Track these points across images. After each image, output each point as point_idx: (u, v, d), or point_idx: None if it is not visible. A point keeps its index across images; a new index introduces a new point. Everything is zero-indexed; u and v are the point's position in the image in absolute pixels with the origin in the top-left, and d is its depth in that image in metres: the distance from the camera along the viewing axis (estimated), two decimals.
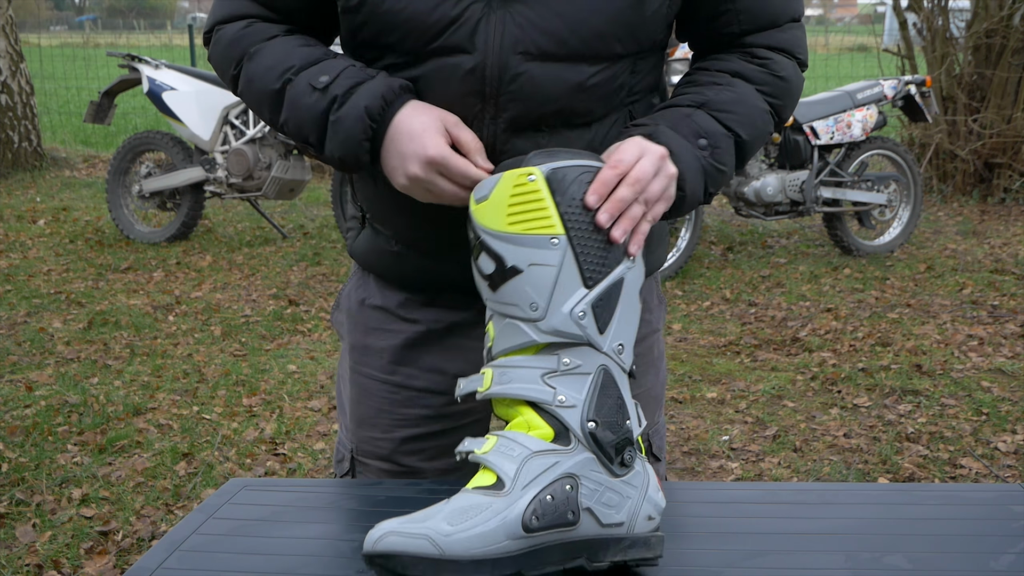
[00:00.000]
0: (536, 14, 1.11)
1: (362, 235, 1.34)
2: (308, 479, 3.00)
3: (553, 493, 0.98)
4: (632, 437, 1.04)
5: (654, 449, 1.40)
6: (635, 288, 1.06)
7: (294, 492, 1.23)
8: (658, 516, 1.05)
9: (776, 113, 1.23)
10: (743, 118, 1.19)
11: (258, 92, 1.19)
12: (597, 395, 1.02)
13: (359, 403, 1.36)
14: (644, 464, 1.05)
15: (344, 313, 1.39)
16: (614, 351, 1.04)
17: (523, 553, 0.97)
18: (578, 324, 1.02)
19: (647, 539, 1.03)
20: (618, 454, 1.02)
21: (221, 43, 1.23)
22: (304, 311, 4.85)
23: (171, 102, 6.00)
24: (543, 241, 1.01)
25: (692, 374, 3.99)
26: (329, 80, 1.13)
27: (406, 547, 0.93)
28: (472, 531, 0.94)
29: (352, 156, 1.14)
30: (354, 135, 1.12)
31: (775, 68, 1.22)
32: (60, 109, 12.34)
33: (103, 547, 2.66)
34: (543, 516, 0.97)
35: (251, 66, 1.19)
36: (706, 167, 1.15)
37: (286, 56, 1.17)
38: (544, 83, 1.13)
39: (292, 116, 1.16)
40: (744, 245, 6.18)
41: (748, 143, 1.20)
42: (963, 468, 3.12)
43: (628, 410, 1.04)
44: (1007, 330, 4.46)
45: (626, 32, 1.15)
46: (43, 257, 5.88)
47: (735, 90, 1.19)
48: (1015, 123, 7.21)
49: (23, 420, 3.46)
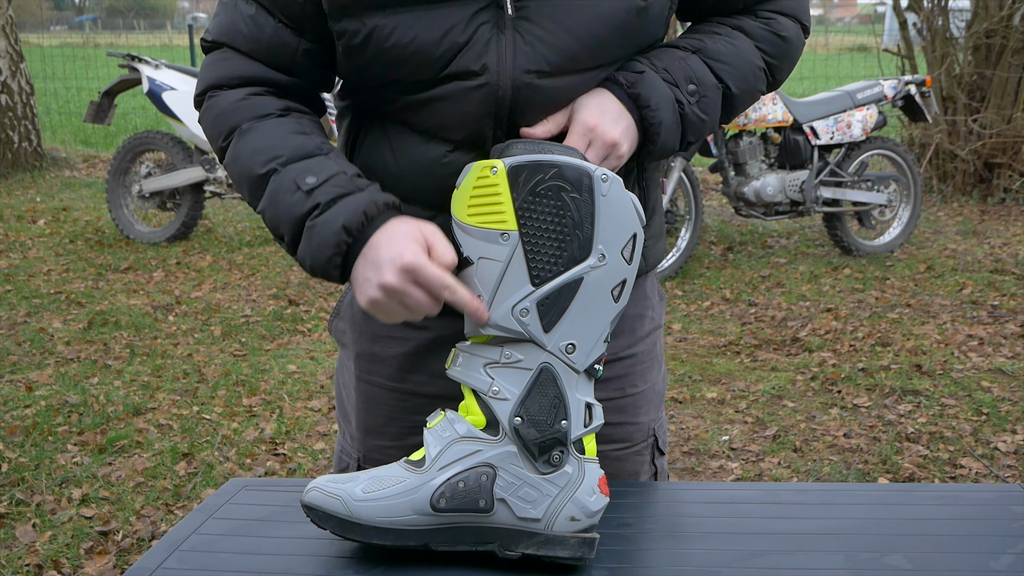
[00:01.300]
0: (545, 31, 1.11)
1: None
2: (308, 479, 3.00)
3: (466, 480, 1.03)
4: (564, 438, 1.03)
5: (659, 444, 1.39)
6: (601, 288, 1.04)
7: (294, 492, 1.23)
8: (585, 519, 1.04)
9: (770, 72, 1.23)
10: (736, 71, 1.19)
11: (241, 173, 1.14)
12: (531, 392, 1.03)
13: (367, 412, 1.35)
14: (581, 467, 1.05)
15: (347, 322, 1.37)
16: (560, 350, 1.03)
17: (432, 529, 1.03)
18: (519, 321, 1.03)
19: (566, 539, 1.03)
20: (543, 452, 1.03)
21: (212, 111, 1.17)
22: (304, 311, 4.85)
23: (171, 102, 6.00)
24: (494, 236, 1.03)
25: (692, 374, 3.99)
26: (316, 183, 1.08)
27: (322, 503, 1.04)
28: (379, 501, 1.03)
29: (321, 269, 1.09)
30: (326, 249, 1.07)
31: (777, 27, 1.23)
32: (60, 109, 12.35)
33: (103, 547, 2.66)
34: (452, 499, 1.02)
35: (240, 144, 1.14)
36: (688, 115, 1.15)
37: (276, 142, 1.12)
38: (554, 97, 1.13)
39: (270, 208, 1.11)
40: (744, 245, 6.18)
41: (737, 97, 1.20)
42: (963, 468, 3.12)
43: (567, 411, 1.04)
44: (1007, 330, 4.46)
45: (629, 39, 1.15)
46: (43, 257, 5.88)
47: (734, 42, 1.20)
48: (1015, 123, 7.21)
49: (23, 420, 3.46)
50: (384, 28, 1.10)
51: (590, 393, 1.07)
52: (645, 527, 1.16)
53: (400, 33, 1.09)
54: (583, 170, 1.02)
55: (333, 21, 1.13)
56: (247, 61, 1.17)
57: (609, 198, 1.03)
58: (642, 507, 1.22)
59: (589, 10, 1.11)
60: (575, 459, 1.05)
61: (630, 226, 1.05)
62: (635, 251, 1.06)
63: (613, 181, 1.03)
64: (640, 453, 1.36)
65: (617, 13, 1.12)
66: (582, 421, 1.05)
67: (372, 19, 1.10)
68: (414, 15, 1.09)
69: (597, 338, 1.05)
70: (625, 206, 1.04)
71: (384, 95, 1.17)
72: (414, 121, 1.15)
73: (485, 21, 1.10)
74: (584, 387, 1.06)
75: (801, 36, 1.26)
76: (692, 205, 5.40)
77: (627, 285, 1.06)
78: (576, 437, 1.05)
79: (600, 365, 1.07)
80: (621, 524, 1.15)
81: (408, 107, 1.15)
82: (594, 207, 1.02)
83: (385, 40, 1.10)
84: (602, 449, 1.31)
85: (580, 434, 1.05)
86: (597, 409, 1.07)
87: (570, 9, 1.11)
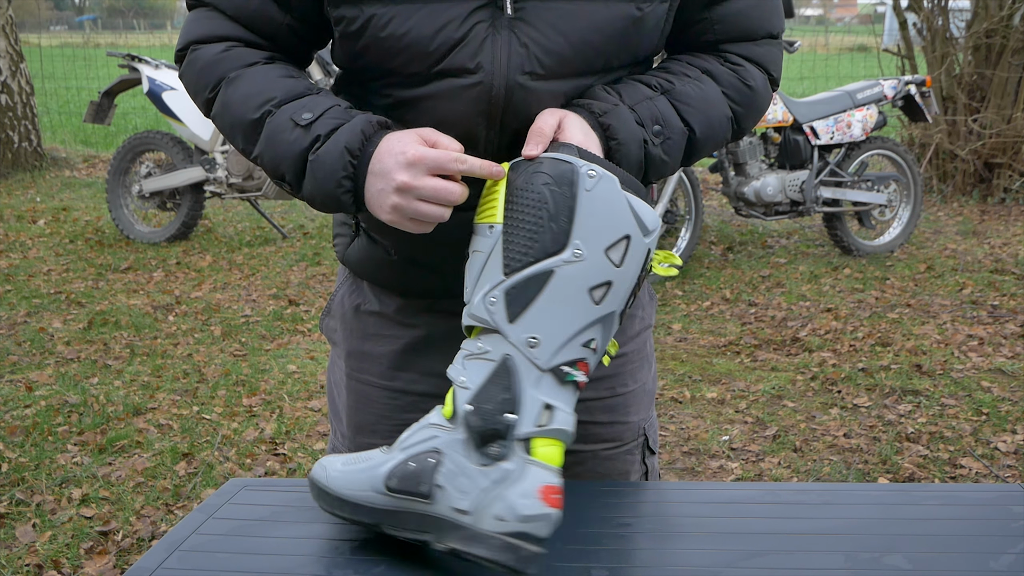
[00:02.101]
0: (541, 34, 1.11)
1: (356, 243, 1.31)
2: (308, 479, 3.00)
3: (417, 462, 1.03)
4: (506, 431, 1.00)
5: (650, 443, 1.39)
6: (575, 285, 1.01)
7: (294, 492, 1.23)
8: (513, 521, 0.98)
9: (736, 120, 1.22)
10: (703, 116, 1.18)
11: (233, 120, 1.15)
12: (487, 382, 1.02)
13: (357, 410, 1.35)
14: (525, 468, 1.00)
15: (337, 320, 1.37)
16: (522, 343, 1.01)
17: (386, 510, 1.04)
18: (487, 309, 1.03)
19: (490, 538, 0.98)
20: (484, 443, 1.00)
21: (196, 64, 1.18)
22: (304, 311, 4.85)
23: (171, 102, 6.00)
24: (484, 229, 1.05)
25: (692, 374, 3.99)
26: (313, 118, 1.10)
27: (315, 474, 1.11)
28: (348, 475, 1.07)
29: (331, 196, 1.10)
30: (334, 175, 1.08)
31: (745, 76, 1.22)
32: (60, 109, 12.35)
33: (103, 547, 2.66)
34: (400, 480, 1.02)
35: (229, 91, 1.15)
36: (652, 155, 1.15)
37: (267, 86, 1.13)
38: (547, 100, 1.13)
39: (268, 150, 1.12)
40: (744, 245, 6.18)
41: (700, 142, 1.19)
42: (963, 468, 3.12)
43: (518, 405, 1.00)
44: (1007, 330, 4.46)
45: (624, 49, 1.16)
46: (43, 257, 5.88)
47: (702, 87, 1.19)
48: (1015, 123, 7.21)
49: (23, 420, 3.46)
50: (381, 17, 1.10)
51: (558, 397, 1.02)
52: (645, 527, 1.16)
53: (396, 24, 1.10)
54: (568, 164, 1.03)
55: (331, 7, 1.14)
56: (231, 23, 1.18)
57: (594, 194, 1.01)
58: (641, 507, 1.22)
59: (586, 16, 1.11)
60: (520, 458, 1.00)
61: (620, 227, 1.02)
62: (627, 254, 1.02)
63: (603, 179, 1.02)
64: (630, 452, 1.36)
65: (613, 21, 1.12)
66: (535, 420, 1.01)
67: (370, 7, 1.11)
68: (412, 7, 1.09)
69: (567, 337, 1.02)
70: (615, 205, 1.02)
71: (379, 90, 1.17)
72: (408, 119, 1.15)
73: (482, 20, 1.10)
74: (549, 388, 1.02)
75: (768, 87, 1.25)
76: (692, 205, 5.40)
77: (614, 289, 1.02)
78: (524, 435, 1.00)
79: (575, 371, 1.02)
80: (620, 524, 1.15)
81: (402, 104, 1.16)
82: (574, 201, 1.01)
83: (381, 29, 1.11)
84: (592, 448, 1.31)
85: (530, 432, 1.00)
86: (561, 415, 1.02)
87: (567, 14, 1.11)
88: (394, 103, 1.16)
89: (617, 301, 1.03)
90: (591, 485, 1.28)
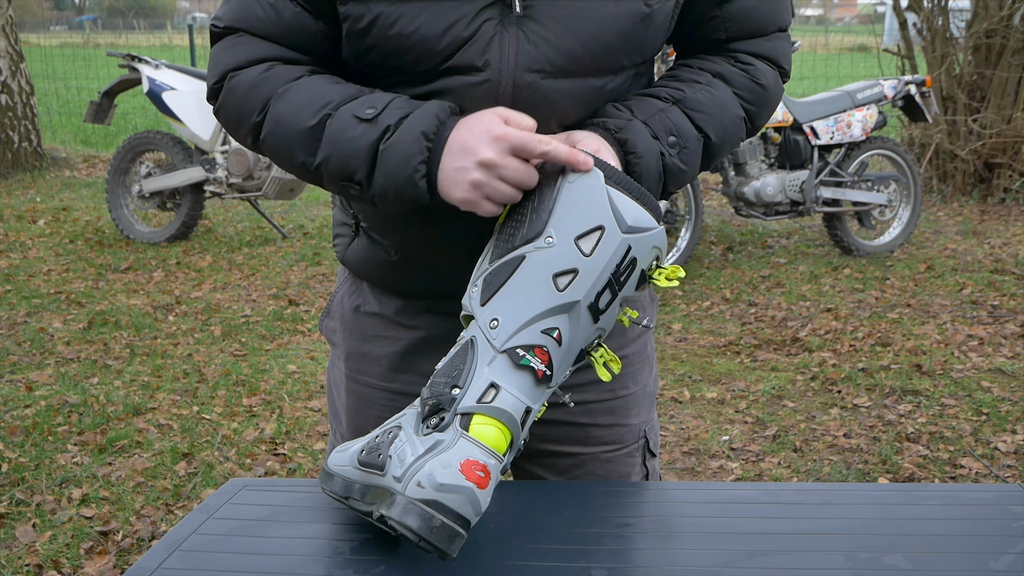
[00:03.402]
0: (549, 32, 1.11)
1: (356, 243, 1.31)
2: (308, 479, 3.00)
3: (382, 435, 1.04)
4: (449, 406, 1.00)
5: (650, 445, 1.38)
6: (540, 270, 1.02)
7: (294, 492, 1.23)
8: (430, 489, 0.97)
9: (750, 119, 1.23)
10: (716, 121, 1.18)
11: (289, 134, 1.11)
12: (449, 360, 1.04)
13: (357, 412, 1.35)
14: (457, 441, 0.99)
15: (337, 321, 1.37)
16: (485, 324, 1.03)
17: (359, 485, 1.05)
18: (469, 295, 1.06)
19: (408, 505, 0.96)
20: (429, 414, 1.01)
21: (237, 91, 1.14)
22: (304, 311, 4.85)
23: (171, 102, 6.00)
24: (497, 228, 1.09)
25: (692, 374, 3.99)
26: (377, 111, 1.08)
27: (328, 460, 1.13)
28: (344, 452, 1.10)
29: (408, 183, 1.06)
30: (410, 160, 1.06)
31: (756, 75, 1.22)
32: (60, 109, 12.35)
33: (103, 547, 2.66)
34: (368, 454, 1.04)
35: (279, 107, 1.11)
36: (670, 166, 1.15)
37: (321, 92, 1.11)
38: (555, 98, 1.13)
39: (334, 152, 1.08)
40: (744, 245, 6.18)
41: (716, 146, 1.19)
42: (963, 468, 3.12)
43: (465, 380, 1.01)
44: (1007, 330, 4.46)
45: (633, 46, 1.15)
46: (43, 257, 5.88)
47: (714, 92, 1.19)
48: (1015, 123, 7.21)
49: (23, 420, 3.46)
50: (388, 16, 1.10)
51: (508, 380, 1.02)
52: (644, 527, 1.16)
53: (404, 23, 1.09)
54: None
55: (340, 4, 1.13)
56: (265, 43, 1.15)
57: (575, 185, 1.03)
58: (641, 507, 1.22)
59: (595, 14, 1.11)
60: (456, 431, 1.00)
61: (593, 217, 1.02)
62: (599, 245, 1.02)
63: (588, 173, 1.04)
64: (631, 455, 1.36)
65: (622, 18, 1.12)
66: (477, 396, 1.01)
67: (377, 5, 1.10)
68: (420, 5, 1.09)
69: (524, 321, 1.02)
70: (594, 197, 1.03)
71: (386, 88, 1.17)
72: None
73: (490, 18, 1.09)
74: (500, 369, 1.02)
75: (779, 82, 1.25)
76: (692, 205, 5.40)
77: (579, 277, 1.02)
78: (465, 410, 1.00)
79: (531, 356, 1.02)
80: (620, 524, 1.15)
81: None
82: (557, 192, 1.04)
83: (388, 28, 1.10)
84: (593, 451, 1.31)
85: (470, 408, 1.00)
86: (507, 396, 1.01)
87: (576, 12, 1.11)
88: None
89: (582, 291, 1.03)
90: (591, 485, 1.28)
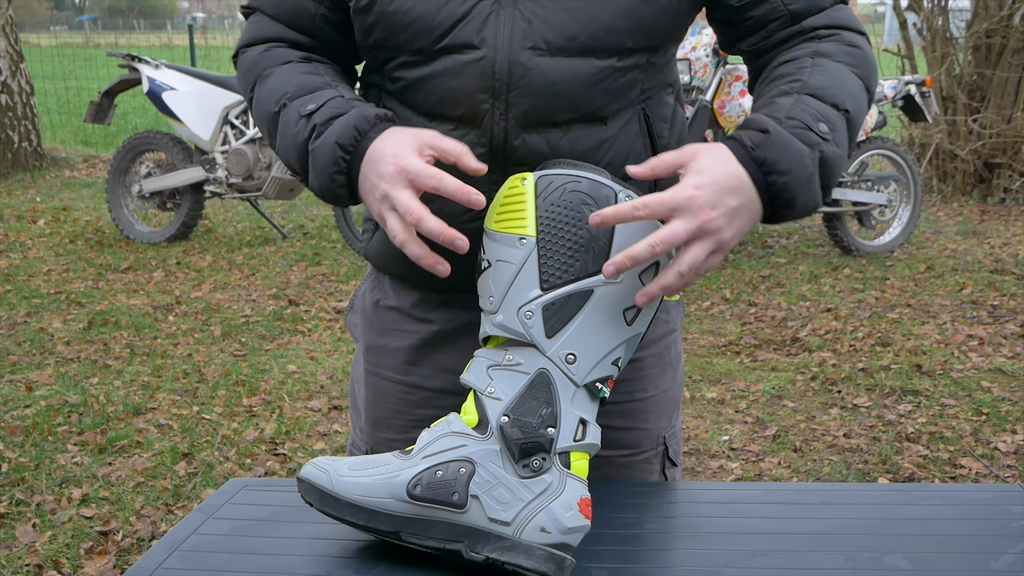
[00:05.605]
0: (544, 9, 1.11)
1: (377, 236, 1.32)
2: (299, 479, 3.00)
3: (445, 470, 1.02)
4: (548, 445, 1.02)
5: (670, 453, 1.36)
6: (611, 306, 1.04)
7: (294, 492, 1.22)
8: (557, 533, 1.00)
9: (866, 85, 1.15)
10: (846, 93, 1.10)
11: (260, 116, 1.20)
12: (524, 394, 1.03)
13: (375, 404, 1.35)
14: (564, 480, 1.03)
15: (359, 314, 1.38)
16: (560, 359, 1.03)
17: (406, 517, 1.02)
18: (523, 323, 1.04)
19: (532, 549, 1.00)
20: (524, 456, 1.02)
21: (242, 67, 1.25)
22: (304, 311, 4.85)
23: (171, 102, 6.00)
24: (512, 240, 1.05)
25: (692, 374, 3.99)
26: (314, 109, 1.12)
27: (310, 476, 1.07)
28: (360, 479, 1.04)
29: (328, 190, 1.12)
30: (327, 169, 1.10)
31: (846, 40, 1.16)
32: (60, 109, 12.35)
33: (103, 547, 2.66)
34: (427, 488, 1.02)
35: (259, 89, 1.20)
36: (828, 154, 1.06)
37: (287, 81, 1.17)
38: (554, 78, 1.12)
39: (282, 143, 1.16)
40: (744, 245, 6.18)
41: (855, 120, 1.10)
42: (963, 468, 3.12)
43: (557, 419, 1.03)
44: (1007, 330, 4.46)
45: (636, 26, 1.14)
46: (43, 257, 5.88)
47: (825, 68, 1.11)
48: (1015, 123, 7.21)
49: (23, 420, 3.46)
50: None
51: (589, 412, 1.05)
52: (645, 527, 1.16)
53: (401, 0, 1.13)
54: (609, 189, 1.04)
55: None
56: (274, 24, 1.23)
57: None
58: (641, 507, 1.22)
59: None
60: (558, 471, 1.03)
61: None
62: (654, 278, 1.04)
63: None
64: (648, 461, 1.34)
65: None
66: (572, 435, 1.03)
67: None
68: None
69: (601, 356, 1.04)
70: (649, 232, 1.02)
71: (390, 74, 1.19)
72: (417, 101, 1.16)
73: None
74: (582, 403, 1.04)
75: (868, 44, 1.18)
76: None
77: (644, 311, 1.06)
78: (563, 449, 1.03)
79: (606, 388, 1.05)
80: (621, 524, 1.15)
81: (411, 86, 1.17)
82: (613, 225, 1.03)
83: (388, 4, 1.13)
84: (608, 455, 1.30)
85: (568, 447, 1.03)
86: (593, 429, 1.05)
87: None
88: (404, 87, 1.17)
89: (645, 323, 1.07)
90: (591, 487, 1.28)
